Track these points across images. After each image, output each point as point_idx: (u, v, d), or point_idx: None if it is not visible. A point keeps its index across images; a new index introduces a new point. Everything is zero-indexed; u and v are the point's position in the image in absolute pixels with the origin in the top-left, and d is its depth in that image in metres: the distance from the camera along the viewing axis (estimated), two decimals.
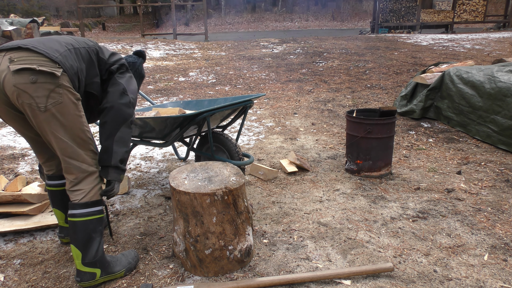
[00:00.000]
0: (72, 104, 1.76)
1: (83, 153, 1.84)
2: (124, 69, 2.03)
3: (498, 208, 2.65)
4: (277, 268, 2.03)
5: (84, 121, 1.85)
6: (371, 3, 25.35)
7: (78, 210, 1.83)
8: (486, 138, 3.96)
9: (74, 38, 1.93)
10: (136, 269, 2.04)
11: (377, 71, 7.63)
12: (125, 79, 2.01)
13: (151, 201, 2.87)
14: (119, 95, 1.94)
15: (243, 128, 4.70)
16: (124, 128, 1.94)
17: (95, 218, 1.86)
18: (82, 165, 1.84)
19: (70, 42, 1.86)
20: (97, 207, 1.88)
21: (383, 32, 16.45)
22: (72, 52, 1.82)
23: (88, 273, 1.86)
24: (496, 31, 15.14)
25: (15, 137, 4.31)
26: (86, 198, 1.85)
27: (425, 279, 1.93)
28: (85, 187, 1.85)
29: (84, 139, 1.84)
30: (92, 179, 1.87)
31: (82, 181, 1.85)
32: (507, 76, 3.96)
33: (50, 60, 1.68)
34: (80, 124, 1.81)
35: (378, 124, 3.08)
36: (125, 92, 1.95)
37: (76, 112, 1.79)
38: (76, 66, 1.80)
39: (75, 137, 1.80)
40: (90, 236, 1.85)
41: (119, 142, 1.92)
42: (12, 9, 20.26)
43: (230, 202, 1.96)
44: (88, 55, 1.90)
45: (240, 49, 11.34)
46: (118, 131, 1.92)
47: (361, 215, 2.60)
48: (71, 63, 1.77)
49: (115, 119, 1.91)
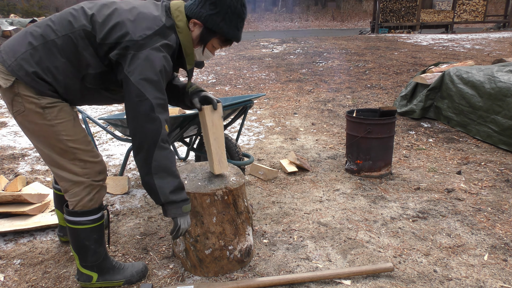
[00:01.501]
0: (36, 114, 1.57)
1: (66, 162, 1.66)
2: (132, 51, 1.52)
3: (498, 208, 2.65)
4: (277, 268, 2.03)
5: (61, 130, 1.61)
6: (371, 3, 25.35)
7: (69, 217, 1.76)
8: (487, 138, 3.96)
9: (57, 21, 1.58)
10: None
11: (377, 71, 7.63)
12: (138, 68, 1.51)
13: (151, 201, 2.87)
14: (135, 106, 1.53)
15: (243, 128, 4.70)
16: (158, 152, 1.57)
17: (87, 228, 1.76)
18: (66, 174, 1.67)
19: (44, 34, 1.55)
20: (88, 217, 1.75)
21: (383, 32, 16.45)
22: (40, 49, 1.53)
23: (85, 274, 1.86)
24: (496, 31, 15.14)
25: (15, 137, 4.31)
26: (77, 207, 1.73)
27: (425, 279, 1.93)
28: (72, 199, 1.72)
29: (64, 148, 1.64)
30: (80, 190, 1.70)
31: (69, 191, 1.71)
32: (507, 76, 3.96)
33: (3, 68, 1.53)
34: (53, 134, 1.61)
35: (378, 124, 3.08)
36: (140, 96, 1.52)
37: (43, 121, 1.58)
38: (44, 67, 1.54)
39: (52, 146, 1.63)
40: (83, 243, 1.79)
41: (158, 173, 1.58)
42: (12, 9, 20.27)
43: (230, 202, 1.96)
44: (70, 44, 1.55)
45: (240, 49, 11.34)
46: (152, 161, 1.57)
47: (361, 215, 2.60)
48: (29, 67, 1.52)
49: (141, 146, 1.57)
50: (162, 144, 1.58)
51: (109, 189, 3.00)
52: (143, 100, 1.53)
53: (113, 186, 3.01)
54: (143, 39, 1.53)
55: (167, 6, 1.69)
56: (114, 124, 2.94)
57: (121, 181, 3.01)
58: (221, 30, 1.66)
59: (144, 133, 1.56)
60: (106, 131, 3.07)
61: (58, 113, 1.61)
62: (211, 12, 1.62)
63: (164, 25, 1.60)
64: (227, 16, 1.63)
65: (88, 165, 1.70)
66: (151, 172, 1.58)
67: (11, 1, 22.35)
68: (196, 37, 1.70)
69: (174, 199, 1.64)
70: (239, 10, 1.65)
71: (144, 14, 1.60)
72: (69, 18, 1.58)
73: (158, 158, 1.57)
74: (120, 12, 1.59)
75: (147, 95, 1.53)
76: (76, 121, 1.69)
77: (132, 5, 1.64)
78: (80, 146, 1.67)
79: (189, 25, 1.67)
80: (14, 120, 4.80)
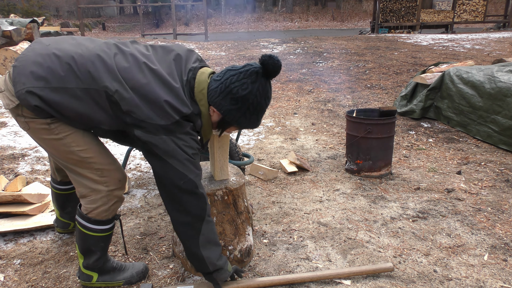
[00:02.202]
0: (42, 130, 1.55)
1: (83, 171, 1.64)
2: (162, 135, 1.48)
3: (498, 208, 2.65)
4: (277, 268, 2.03)
5: (70, 142, 1.57)
6: (371, 3, 25.35)
7: (80, 219, 1.75)
8: (487, 138, 3.96)
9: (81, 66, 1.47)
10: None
11: (377, 71, 7.63)
12: (172, 152, 1.49)
13: (151, 201, 2.87)
14: (179, 186, 1.53)
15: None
16: (206, 226, 1.61)
17: (96, 235, 1.76)
18: (85, 181, 1.66)
19: (66, 77, 1.45)
20: (100, 226, 1.74)
21: (383, 32, 16.45)
22: (54, 92, 1.46)
23: (86, 274, 1.87)
24: (496, 31, 15.14)
25: (15, 137, 4.31)
26: (91, 214, 1.72)
27: (425, 279, 1.93)
28: (88, 205, 1.70)
29: (78, 159, 1.61)
30: (98, 198, 1.68)
31: (87, 197, 1.69)
32: (507, 76, 3.96)
33: (12, 88, 1.50)
34: (64, 146, 1.58)
35: (378, 124, 3.08)
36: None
37: (51, 136, 1.56)
38: (53, 108, 1.48)
39: (65, 158, 1.62)
40: (90, 248, 1.80)
41: (206, 246, 1.63)
42: (12, 9, 20.26)
43: (230, 202, 1.96)
44: (90, 99, 1.48)
45: (240, 49, 11.34)
46: (200, 235, 1.61)
47: (361, 215, 2.60)
48: (37, 102, 1.45)
49: (188, 223, 1.60)
50: (208, 218, 1.63)
51: None
52: (186, 180, 1.53)
53: None
54: (172, 123, 1.49)
55: (192, 84, 1.59)
56: None
57: None
58: (239, 124, 1.65)
59: (190, 211, 1.58)
60: None
61: (65, 126, 1.57)
62: (231, 107, 1.57)
63: (192, 113, 1.55)
64: (248, 112, 1.59)
65: (106, 173, 1.67)
66: (199, 246, 1.62)
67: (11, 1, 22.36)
68: (215, 122, 1.68)
69: (221, 265, 1.69)
70: (262, 105, 1.60)
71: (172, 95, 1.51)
72: (91, 69, 1.47)
73: (205, 232, 1.62)
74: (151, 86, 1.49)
75: (189, 175, 1.53)
76: (85, 131, 1.64)
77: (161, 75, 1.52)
78: (93, 155, 1.63)
79: (209, 110, 1.63)
80: (14, 120, 4.80)
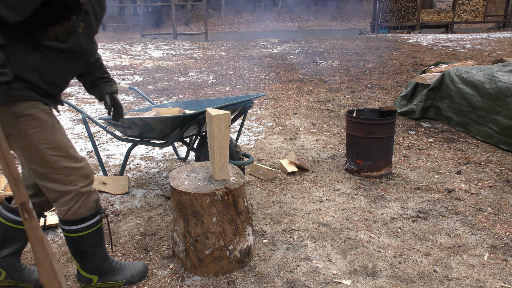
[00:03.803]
0: (10, 124, 1.53)
1: (50, 172, 1.62)
2: None
3: (498, 208, 2.65)
4: (277, 268, 2.03)
5: (39, 139, 1.55)
6: (371, 3, 25.33)
7: (64, 226, 1.72)
8: (487, 138, 3.96)
9: None
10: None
11: (377, 71, 7.63)
12: None
13: (151, 201, 2.87)
14: None
15: (243, 128, 4.70)
16: None
17: (83, 234, 1.73)
18: (52, 185, 1.64)
19: None
20: (84, 224, 1.72)
21: (383, 32, 16.46)
22: None
23: (85, 277, 1.86)
24: (496, 31, 15.14)
25: None
26: (67, 216, 1.69)
27: (425, 279, 1.93)
28: (61, 208, 1.68)
29: (45, 158, 1.59)
30: (68, 199, 1.66)
31: (58, 201, 1.67)
32: (507, 76, 3.96)
33: None
34: (31, 144, 1.57)
35: (378, 124, 3.08)
36: None
37: (18, 132, 1.54)
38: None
39: (32, 158, 1.59)
40: (81, 249, 1.78)
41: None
42: None
43: (230, 202, 1.96)
44: None
45: (240, 49, 11.34)
46: None
47: (361, 215, 2.60)
48: None
49: None
50: None
51: (109, 189, 3.00)
52: None
53: (113, 186, 3.01)
54: None
55: None
56: (114, 124, 2.95)
57: (121, 181, 3.01)
58: None
59: None
60: (106, 131, 3.07)
61: (34, 122, 1.52)
62: None
63: None
64: None
65: (73, 171, 1.64)
66: None
67: None
68: None
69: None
70: None
71: None
72: None
73: None
74: None
75: None
76: (55, 127, 1.60)
77: None
78: (61, 153, 1.60)
79: None
80: None
